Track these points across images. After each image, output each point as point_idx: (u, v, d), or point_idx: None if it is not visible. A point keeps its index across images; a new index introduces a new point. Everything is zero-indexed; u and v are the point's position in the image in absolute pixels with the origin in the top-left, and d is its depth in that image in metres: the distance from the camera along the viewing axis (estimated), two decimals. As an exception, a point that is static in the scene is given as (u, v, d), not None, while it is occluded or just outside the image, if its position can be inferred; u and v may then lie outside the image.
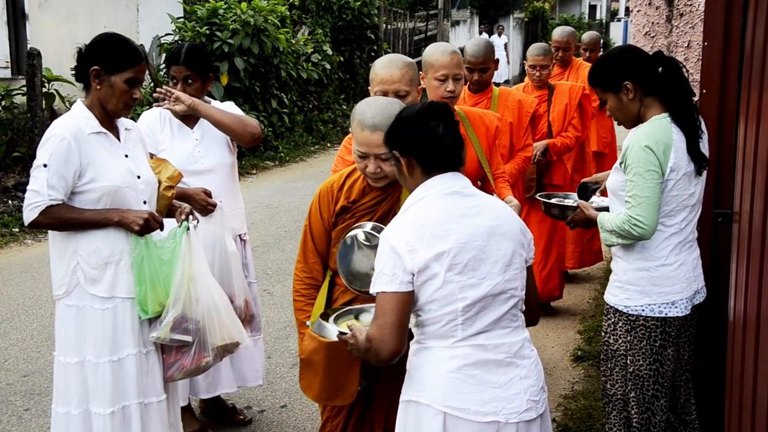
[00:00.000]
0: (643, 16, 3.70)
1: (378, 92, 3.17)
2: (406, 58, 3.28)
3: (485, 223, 2.33)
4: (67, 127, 3.00)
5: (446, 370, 2.30)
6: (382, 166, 2.71)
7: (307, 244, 2.97)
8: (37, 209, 2.96)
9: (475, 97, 4.68)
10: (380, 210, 2.85)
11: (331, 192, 2.92)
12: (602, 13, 40.06)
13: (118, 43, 3.09)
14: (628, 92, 3.01)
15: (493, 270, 2.32)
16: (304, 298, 2.97)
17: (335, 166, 3.41)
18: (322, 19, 15.41)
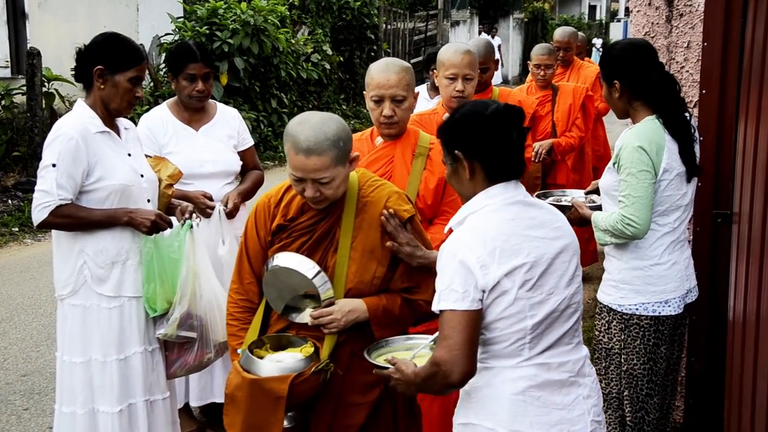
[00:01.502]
0: (642, 16, 3.70)
1: (374, 97, 3.13)
2: (402, 62, 3.23)
3: (549, 235, 2.20)
4: (74, 126, 3.01)
5: (512, 392, 2.16)
6: (321, 190, 2.48)
7: (243, 263, 2.73)
8: (47, 209, 2.97)
9: (475, 98, 4.66)
10: (319, 229, 2.61)
11: (267, 208, 2.68)
12: (602, 13, 40.06)
13: (121, 42, 3.10)
14: (616, 90, 3.06)
15: (560, 284, 2.19)
16: (238, 323, 2.72)
17: None
18: (322, 19, 15.41)
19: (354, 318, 2.54)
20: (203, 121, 3.91)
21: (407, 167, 3.21)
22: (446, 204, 3.25)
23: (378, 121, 3.18)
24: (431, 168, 3.21)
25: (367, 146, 3.29)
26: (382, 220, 2.59)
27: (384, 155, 3.23)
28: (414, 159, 3.21)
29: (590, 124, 5.88)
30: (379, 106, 3.14)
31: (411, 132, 3.28)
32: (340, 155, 2.44)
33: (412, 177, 3.19)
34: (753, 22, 2.70)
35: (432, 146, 3.26)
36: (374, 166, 3.17)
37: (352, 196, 2.62)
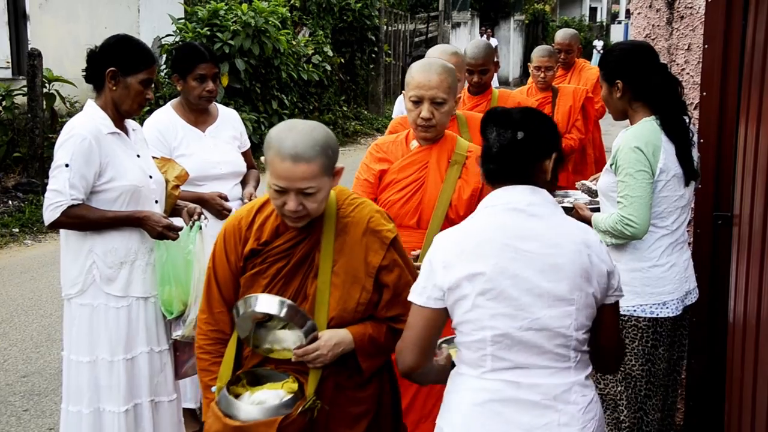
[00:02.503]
0: (643, 18, 3.70)
1: (413, 97, 3.00)
2: (445, 63, 3.10)
3: (537, 251, 2.06)
4: (87, 127, 3.03)
5: (471, 401, 2.11)
6: (305, 202, 2.27)
7: (212, 290, 2.48)
8: (59, 209, 2.99)
9: (475, 99, 4.64)
10: (297, 254, 2.40)
11: (238, 231, 2.44)
12: (603, 15, 40.08)
13: (133, 44, 3.12)
14: (617, 90, 3.05)
15: (537, 303, 2.04)
16: (209, 356, 2.49)
17: (359, 173, 3.25)
18: (323, 21, 15.41)
19: (340, 351, 2.35)
20: (208, 123, 3.92)
21: (441, 175, 3.09)
22: None
23: (415, 123, 3.06)
24: (467, 177, 3.09)
25: (401, 149, 3.19)
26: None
27: (418, 160, 3.13)
28: (449, 166, 3.09)
29: (590, 126, 5.89)
30: (417, 108, 3.02)
31: (448, 137, 3.16)
32: (328, 164, 2.28)
33: (445, 185, 3.07)
34: (753, 24, 2.70)
35: (470, 154, 3.12)
36: (407, 171, 3.12)
37: (331, 216, 2.41)
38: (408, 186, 3.12)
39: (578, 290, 2.06)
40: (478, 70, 4.53)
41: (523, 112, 2.17)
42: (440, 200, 3.05)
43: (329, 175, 2.30)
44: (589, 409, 2.11)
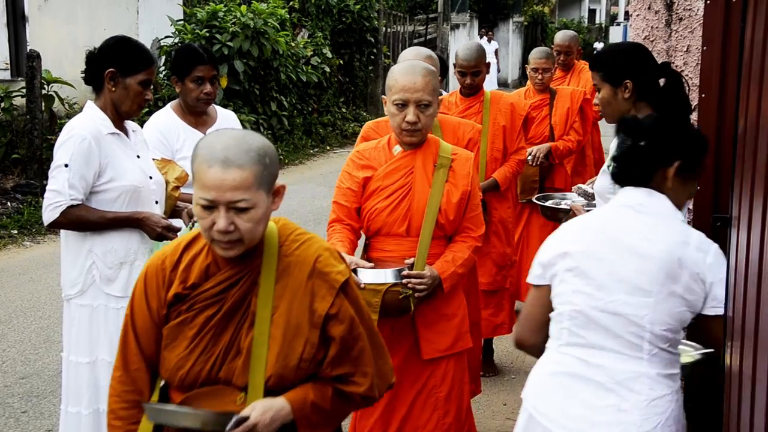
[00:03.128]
0: (642, 20, 3.70)
1: (397, 101, 2.94)
2: (428, 66, 3.05)
3: (628, 241, 2.19)
4: (87, 127, 3.04)
5: (544, 371, 2.29)
6: (237, 221, 1.92)
7: (129, 343, 2.10)
8: (59, 209, 2.99)
9: (468, 101, 4.63)
10: (230, 299, 2.02)
11: (162, 272, 2.07)
12: (602, 17, 40.11)
13: (132, 45, 3.14)
14: (626, 90, 3.01)
15: (615, 288, 2.16)
16: (123, 423, 2.09)
17: (340, 182, 3.17)
18: (322, 22, 15.42)
19: (277, 426, 1.99)
20: (208, 125, 3.92)
21: (428, 179, 3.04)
22: (468, 220, 3.09)
23: (400, 127, 2.98)
24: (454, 180, 3.04)
25: (384, 155, 3.12)
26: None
27: (403, 165, 3.06)
28: (435, 170, 3.04)
29: (589, 128, 5.89)
30: (402, 111, 2.95)
31: (431, 141, 3.10)
32: (264, 175, 1.95)
33: (433, 190, 3.02)
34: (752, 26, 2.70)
35: (455, 156, 3.07)
36: (393, 177, 3.06)
37: (272, 254, 2.04)
38: (395, 192, 3.06)
39: (659, 285, 2.14)
40: (471, 72, 4.52)
41: (654, 121, 2.33)
42: (430, 205, 3.00)
43: (267, 191, 1.97)
44: (655, 404, 2.13)
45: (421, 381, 3.09)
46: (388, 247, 3.09)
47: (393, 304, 2.89)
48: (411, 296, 2.90)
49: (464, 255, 3.07)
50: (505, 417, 4.40)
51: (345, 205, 3.12)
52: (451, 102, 4.66)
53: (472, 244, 3.10)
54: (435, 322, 3.07)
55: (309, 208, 9.33)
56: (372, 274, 2.88)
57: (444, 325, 3.09)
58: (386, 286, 2.86)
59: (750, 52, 2.41)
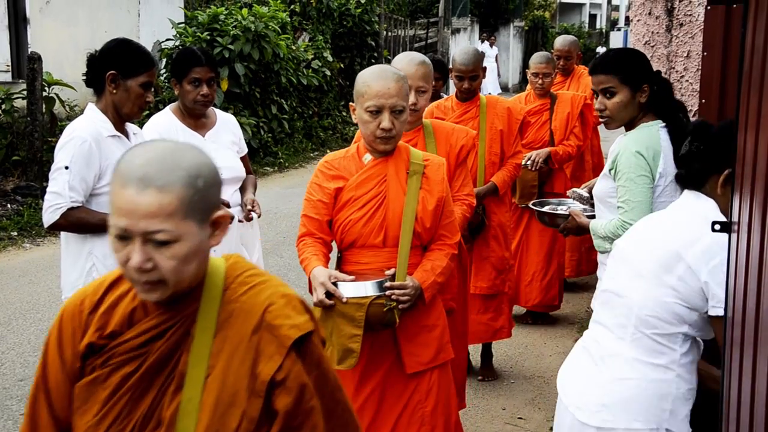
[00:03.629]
0: (643, 25, 3.70)
1: (371, 107, 2.82)
2: (398, 71, 2.95)
3: (651, 233, 2.42)
4: (87, 129, 3.04)
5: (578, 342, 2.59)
6: (156, 257, 1.52)
7: (38, 404, 1.68)
8: (59, 211, 3.00)
9: (464, 106, 4.56)
10: (154, 353, 1.61)
11: (78, 315, 1.68)
12: (602, 22, 40.15)
13: (133, 48, 3.14)
14: (643, 95, 3.01)
15: (623, 271, 2.41)
16: None
17: (309, 194, 3.00)
18: (323, 26, 15.43)
19: None
20: (207, 128, 3.92)
21: (402, 187, 2.94)
22: (443, 227, 3.02)
23: (373, 135, 2.88)
24: (428, 187, 2.96)
25: (354, 164, 3.00)
26: None
27: (375, 174, 2.96)
28: (408, 177, 2.94)
29: (589, 133, 5.88)
30: (376, 118, 2.85)
31: (402, 148, 3.02)
32: (195, 201, 1.54)
33: (408, 197, 2.92)
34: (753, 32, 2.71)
35: (427, 163, 3.00)
36: (366, 187, 2.94)
37: (213, 299, 1.63)
38: (369, 202, 2.94)
39: (653, 272, 2.31)
40: (468, 76, 4.47)
41: (721, 128, 2.42)
42: (406, 214, 2.91)
43: (198, 221, 1.56)
44: (622, 383, 2.32)
45: (405, 396, 2.99)
46: (364, 259, 2.96)
47: (378, 318, 2.79)
48: (395, 308, 2.80)
49: (442, 263, 2.98)
50: (504, 422, 4.40)
51: (315, 218, 2.98)
52: (447, 107, 4.60)
53: (449, 252, 3.02)
54: (416, 334, 2.98)
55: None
56: (353, 287, 2.77)
57: (425, 337, 3.00)
58: (370, 299, 2.75)
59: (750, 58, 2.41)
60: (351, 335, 2.76)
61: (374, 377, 2.96)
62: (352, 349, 2.77)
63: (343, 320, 2.76)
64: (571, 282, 6.65)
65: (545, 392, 4.78)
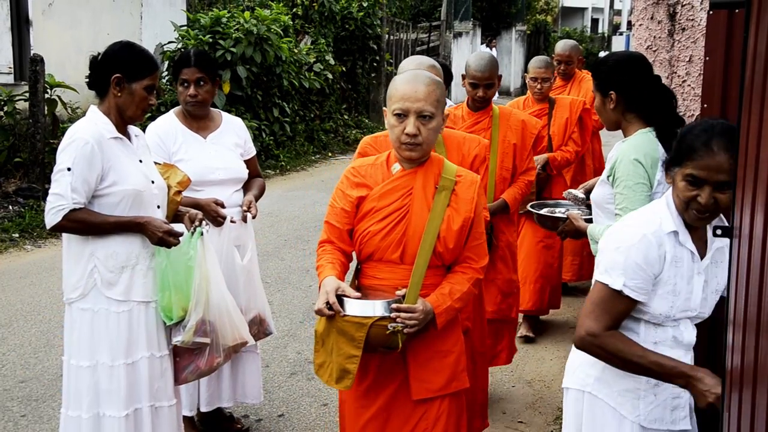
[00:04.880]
0: (645, 30, 3.70)
1: (396, 110, 2.67)
2: (433, 75, 2.78)
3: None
4: (89, 131, 3.05)
5: None
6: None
7: None
8: (61, 213, 3.01)
9: (476, 116, 4.32)
10: None
11: None
12: (604, 26, 40.17)
13: (137, 51, 3.16)
14: (611, 101, 3.06)
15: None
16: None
17: (333, 201, 2.89)
18: (325, 29, 15.45)
19: None
20: (210, 129, 3.94)
21: (428, 202, 2.75)
22: (470, 249, 2.81)
23: (399, 140, 2.69)
24: (456, 205, 2.76)
25: (381, 173, 2.82)
26: None
27: (401, 186, 2.77)
28: (436, 193, 2.75)
29: (588, 138, 5.86)
30: (402, 122, 2.67)
31: (434, 159, 2.82)
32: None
33: (432, 214, 2.73)
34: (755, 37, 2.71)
35: (459, 179, 2.80)
36: (389, 198, 2.77)
37: None
38: (390, 215, 2.76)
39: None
40: (484, 84, 4.21)
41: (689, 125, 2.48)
42: (427, 231, 2.72)
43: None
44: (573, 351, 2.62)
45: (411, 423, 2.80)
46: (381, 275, 2.79)
47: (379, 340, 2.62)
48: (399, 332, 2.61)
49: (463, 288, 2.78)
50: (504, 425, 4.39)
51: (337, 227, 2.82)
52: (457, 116, 4.36)
53: (472, 276, 2.81)
54: (428, 360, 2.79)
55: (311, 214, 9.33)
56: (359, 305, 2.62)
57: (438, 363, 2.80)
58: (372, 320, 2.59)
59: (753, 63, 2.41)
60: (349, 355, 2.62)
61: (379, 398, 2.81)
62: (348, 370, 2.63)
63: (343, 338, 2.62)
64: (572, 286, 6.65)
65: (546, 396, 4.77)
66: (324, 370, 2.72)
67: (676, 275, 2.43)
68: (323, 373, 2.73)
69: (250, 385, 4.06)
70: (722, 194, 2.31)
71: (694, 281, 2.46)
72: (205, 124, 3.93)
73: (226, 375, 3.97)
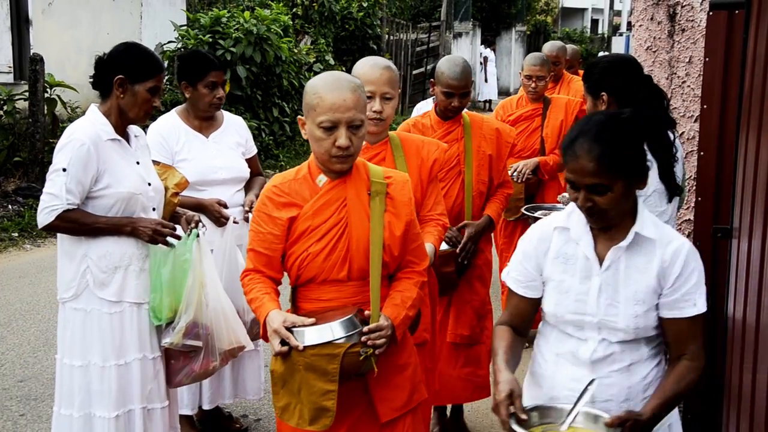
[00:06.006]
0: (644, 30, 3.70)
1: (324, 122, 2.43)
2: (354, 79, 2.55)
3: None
4: (86, 132, 3.04)
5: None
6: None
7: None
8: (54, 213, 3.00)
9: (446, 125, 3.80)
10: None
11: None
12: (604, 27, 40.16)
13: (142, 52, 3.15)
14: (602, 103, 3.08)
15: None
16: None
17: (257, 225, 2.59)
18: (325, 29, 15.45)
19: None
20: (212, 129, 3.95)
21: (366, 211, 2.55)
22: (411, 252, 2.65)
23: (328, 154, 2.47)
24: (394, 210, 2.58)
25: (308, 188, 2.57)
26: None
27: (333, 198, 2.54)
28: (371, 199, 2.56)
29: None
30: (331, 135, 2.44)
31: (359, 165, 2.62)
32: None
33: (373, 224, 2.53)
34: (755, 38, 2.71)
35: (390, 180, 2.61)
36: (323, 214, 2.53)
37: None
38: (329, 232, 2.53)
39: None
40: (459, 93, 3.72)
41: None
42: (373, 242, 2.52)
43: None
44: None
45: None
46: (326, 296, 2.56)
47: (353, 368, 2.40)
48: (372, 355, 2.41)
49: (412, 294, 2.60)
50: (504, 426, 4.38)
51: (265, 254, 2.57)
52: (426, 125, 3.83)
53: (418, 280, 2.64)
54: (389, 377, 2.60)
55: None
56: (316, 332, 2.36)
57: (398, 378, 2.62)
58: (344, 349, 2.34)
59: (752, 64, 2.41)
60: (324, 392, 2.36)
61: (341, 429, 2.56)
62: (326, 407, 2.37)
63: (314, 374, 2.36)
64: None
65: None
66: (290, 413, 2.45)
67: (565, 272, 2.28)
68: (290, 417, 2.45)
69: (251, 382, 4.06)
70: (599, 197, 2.13)
71: (591, 283, 2.25)
72: (207, 124, 3.93)
73: (227, 373, 3.96)
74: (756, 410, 2.09)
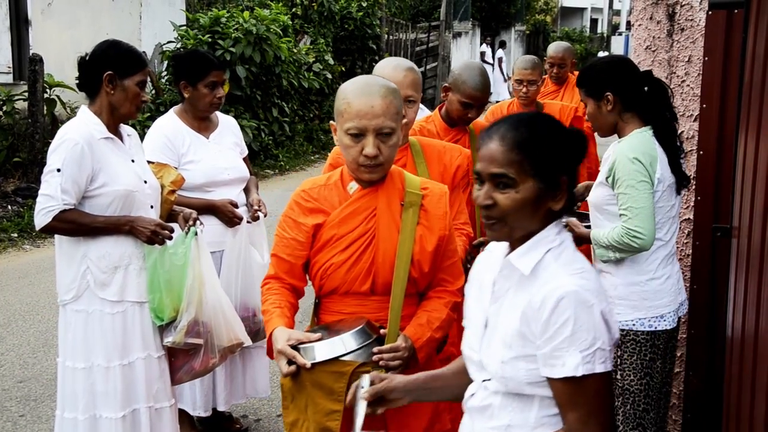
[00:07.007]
0: (644, 30, 3.70)
1: (352, 129, 2.32)
2: (388, 82, 2.42)
3: None
4: (79, 132, 3.04)
5: None
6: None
7: None
8: (51, 214, 3.00)
9: (453, 132, 3.71)
10: None
11: None
12: (603, 26, 40.18)
13: (126, 48, 3.16)
14: (608, 103, 3.03)
15: None
16: None
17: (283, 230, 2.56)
18: (324, 29, 15.45)
19: None
20: (211, 129, 3.95)
21: (396, 222, 2.41)
22: (444, 270, 2.49)
23: (356, 162, 2.36)
24: (427, 222, 2.43)
25: (337, 195, 2.46)
26: None
27: (363, 207, 2.42)
28: (403, 210, 2.42)
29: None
30: (359, 142, 2.33)
31: (395, 174, 2.48)
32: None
33: (402, 236, 2.39)
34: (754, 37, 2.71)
35: (426, 192, 2.47)
36: (351, 224, 2.41)
37: None
38: (354, 242, 2.41)
39: None
40: (478, 104, 3.61)
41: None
42: (399, 257, 2.38)
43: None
44: None
45: None
46: (348, 309, 2.44)
47: None
48: None
49: (441, 314, 2.44)
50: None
51: (287, 260, 2.48)
52: (431, 132, 3.69)
53: (449, 300, 2.47)
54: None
55: None
56: (328, 346, 2.24)
57: (417, 404, 2.32)
58: (352, 367, 2.21)
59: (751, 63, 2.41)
60: (328, 411, 2.23)
61: None
62: (330, 428, 2.24)
63: (320, 392, 2.23)
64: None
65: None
66: (298, 429, 2.32)
67: (477, 300, 1.94)
68: None
69: (260, 380, 4.07)
70: (502, 194, 1.77)
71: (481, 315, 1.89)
72: (206, 125, 3.94)
73: (239, 373, 3.98)
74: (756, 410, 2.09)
